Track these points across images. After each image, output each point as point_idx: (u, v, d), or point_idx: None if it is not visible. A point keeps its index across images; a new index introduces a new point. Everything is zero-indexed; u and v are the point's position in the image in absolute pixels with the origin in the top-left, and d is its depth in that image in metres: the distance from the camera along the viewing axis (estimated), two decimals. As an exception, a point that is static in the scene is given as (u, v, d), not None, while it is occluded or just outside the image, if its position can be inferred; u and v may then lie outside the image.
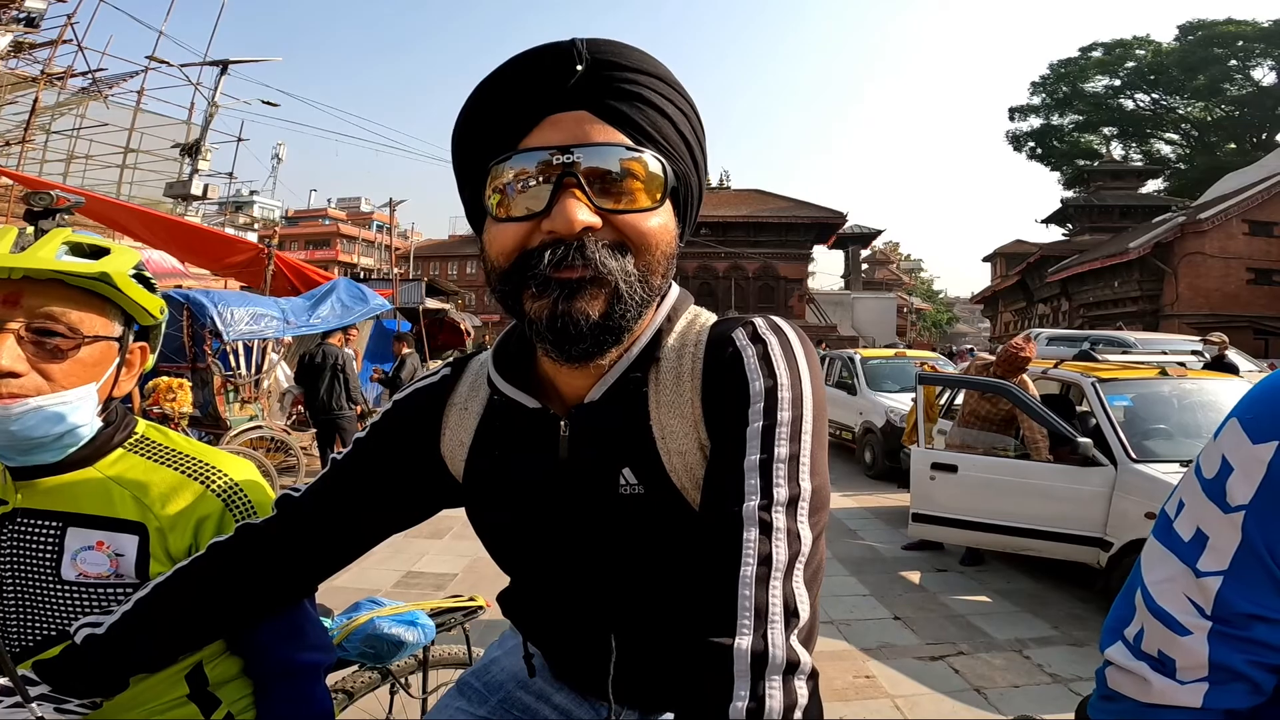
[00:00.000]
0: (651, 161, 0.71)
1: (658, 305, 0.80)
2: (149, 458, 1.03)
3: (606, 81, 0.70)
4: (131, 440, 1.05)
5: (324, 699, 1.08)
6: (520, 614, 0.94)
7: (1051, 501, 4.36)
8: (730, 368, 0.73)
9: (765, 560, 0.63)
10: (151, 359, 1.09)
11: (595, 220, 0.68)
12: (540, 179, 0.69)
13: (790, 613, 0.61)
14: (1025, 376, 4.96)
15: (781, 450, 0.67)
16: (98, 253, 0.95)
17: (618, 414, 0.77)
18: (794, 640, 0.60)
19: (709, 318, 0.83)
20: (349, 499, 0.91)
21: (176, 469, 1.02)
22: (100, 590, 0.96)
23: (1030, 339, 5.13)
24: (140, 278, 1.00)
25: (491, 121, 0.72)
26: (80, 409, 0.95)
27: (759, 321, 0.76)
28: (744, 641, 0.59)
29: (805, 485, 0.67)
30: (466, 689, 1.01)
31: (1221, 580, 0.64)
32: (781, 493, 0.66)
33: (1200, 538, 0.66)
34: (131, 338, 1.03)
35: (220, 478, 1.03)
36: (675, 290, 0.83)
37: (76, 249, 0.94)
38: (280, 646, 1.04)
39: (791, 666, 0.59)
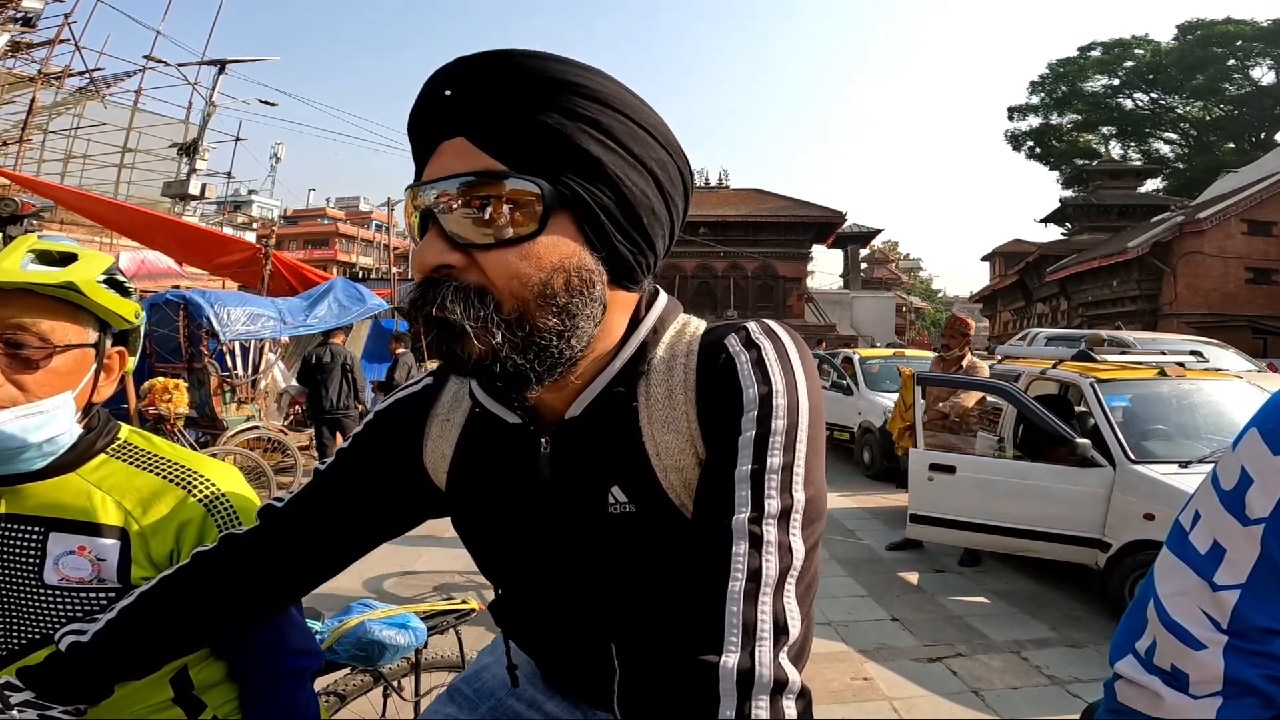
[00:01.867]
0: (521, 186, 0.65)
1: (639, 316, 0.76)
2: (131, 463, 1.03)
3: (476, 102, 0.66)
4: (115, 446, 1.04)
5: (309, 704, 1.07)
6: (511, 625, 0.93)
7: (1050, 502, 4.35)
8: (723, 376, 0.70)
9: (754, 575, 0.61)
10: (131, 363, 1.08)
11: (448, 259, 0.65)
12: (418, 215, 0.68)
13: (780, 629, 0.59)
14: (979, 361, 5.16)
15: (774, 460, 0.65)
16: (66, 259, 0.94)
17: (603, 431, 0.74)
18: (783, 658, 0.58)
19: (699, 325, 0.79)
20: (332, 509, 0.90)
21: (158, 474, 1.02)
22: (82, 595, 0.96)
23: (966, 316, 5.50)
24: (112, 282, 0.99)
25: (414, 149, 0.73)
26: (57, 418, 0.94)
27: (752, 326, 0.73)
28: (730, 659, 0.57)
29: (799, 496, 0.65)
30: (457, 695, 1.00)
31: (1239, 594, 0.62)
32: (773, 504, 0.63)
33: (1217, 550, 0.65)
34: (109, 342, 1.03)
35: (202, 483, 1.03)
36: (663, 299, 0.79)
37: (43, 256, 0.93)
38: (263, 651, 1.03)
39: (780, 686, 0.57)
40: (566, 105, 0.66)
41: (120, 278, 1.01)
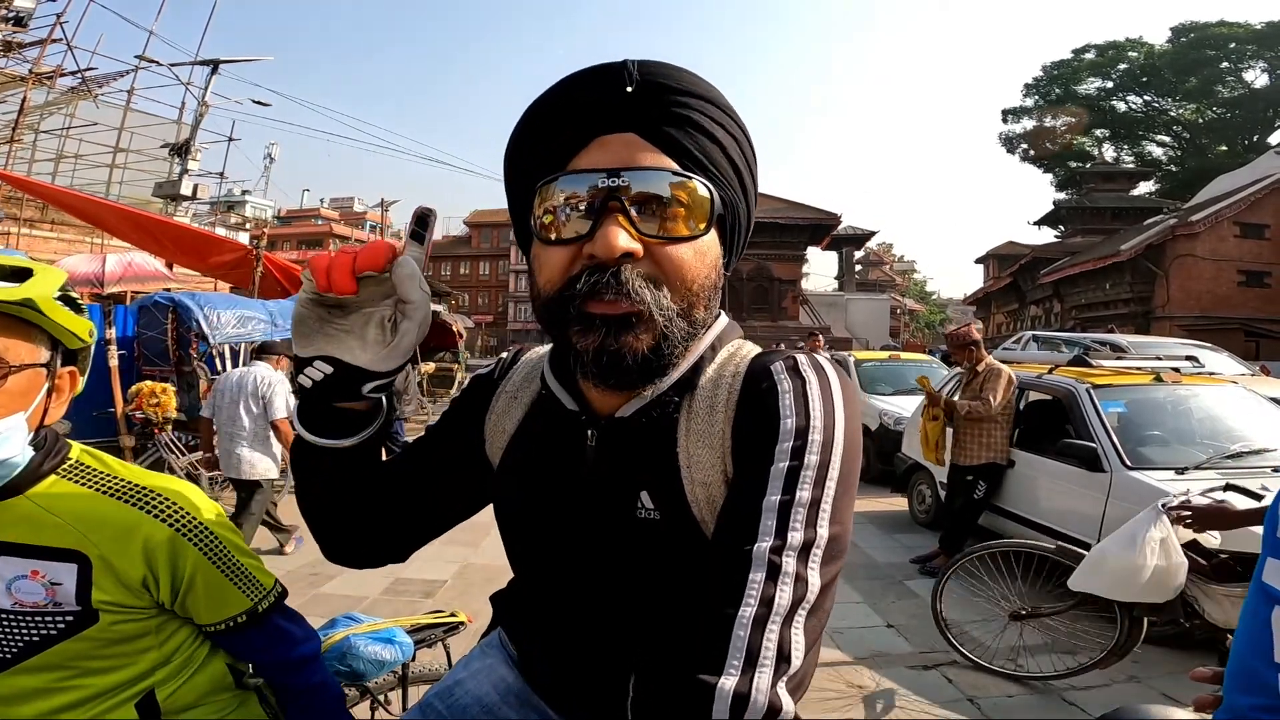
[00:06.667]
0: (700, 188, 0.70)
1: (702, 335, 0.79)
2: (83, 484, 0.99)
3: (656, 104, 0.70)
4: (65, 467, 1.00)
5: (333, 682, 1.16)
6: (514, 618, 0.93)
7: (1065, 502, 4.48)
8: (764, 401, 0.72)
9: (767, 603, 0.61)
10: (81, 383, 1.05)
11: (636, 247, 0.68)
12: (587, 202, 0.69)
13: (782, 658, 0.60)
14: (995, 362, 4.93)
15: (804, 494, 0.66)
16: (20, 274, 0.91)
17: (645, 435, 0.76)
18: (781, 688, 0.59)
19: (752, 349, 0.82)
20: (425, 464, 0.92)
21: (117, 498, 0.99)
22: (38, 618, 0.93)
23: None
24: (67, 299, 0.96)
25: (542, 141, 0.73)
26: (10, 440, 0.91)
27: (801, 358, 0.75)
28: (728, 682, 0.58)
29: (822, 532, 0.66)
30: (429, 710, 0.98)
31: None
32: (796, 537, 0.64)
33: None
34: (59, 362, 0.99)
35: (161, 503, 1.00)
36: (723, 320, 0.83)
37: None
38: (273, 651, 1.10)
39: (772, 712, 0.57)
40: (730, 128, 0.74)
41: (74, 295, 0.98)
